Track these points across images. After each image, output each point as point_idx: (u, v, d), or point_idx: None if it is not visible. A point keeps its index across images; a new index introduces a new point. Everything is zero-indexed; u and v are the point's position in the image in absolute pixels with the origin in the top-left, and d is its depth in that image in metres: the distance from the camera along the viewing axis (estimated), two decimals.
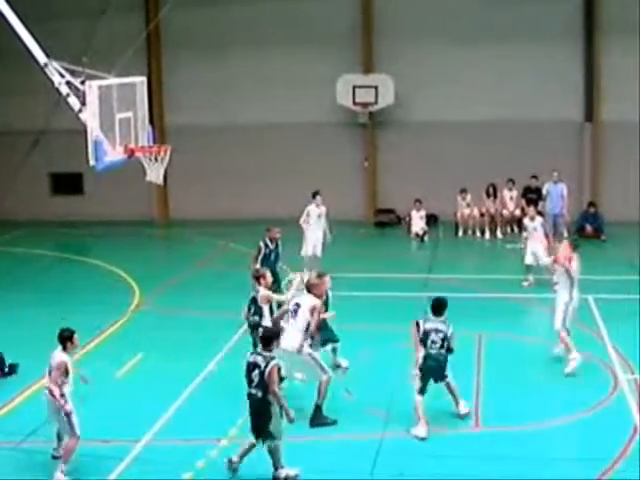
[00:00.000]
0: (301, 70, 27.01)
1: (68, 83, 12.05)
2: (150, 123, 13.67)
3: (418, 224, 25.41)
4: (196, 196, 28.09)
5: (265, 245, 17.09)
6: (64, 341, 10.63)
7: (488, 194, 25.53)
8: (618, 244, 23.55)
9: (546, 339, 14.93)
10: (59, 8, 26.89)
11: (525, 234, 19.43)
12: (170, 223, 28.69)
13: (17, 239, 25.94)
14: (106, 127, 12.25)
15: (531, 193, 24.45)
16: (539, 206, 22.79)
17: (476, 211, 25.37)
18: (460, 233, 25.42)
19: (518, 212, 24.72)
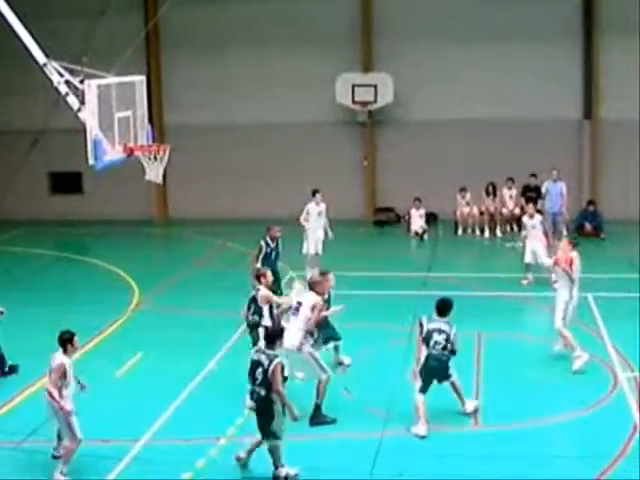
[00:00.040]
0: (300, 69, 26.98)
1: (67, 82, 12.02)
2: (149, 122, 13.63)
3: (417, 223, 25.39)
4: (195, 195, 28.06)
5: (266, 244, 17.06)
6: (64, 343, 10.58)
7: (487, 193, 25.51)
8: (617, 242, 23.54)
9: (545, 337, 14.93)
10: (58, 7, 26.87)
11: (524, 232, 19.45)
12: (169, 222, 28.66)
13: (16, 238, 25.91)
14: (105, 126, 12.22)
15: (530, 192, 24.42)
16: (538, 205, 22.77)
17: (475, 210, 25.35)
18: (459, 232, 25.41)
19: (517, 211, 24.69)
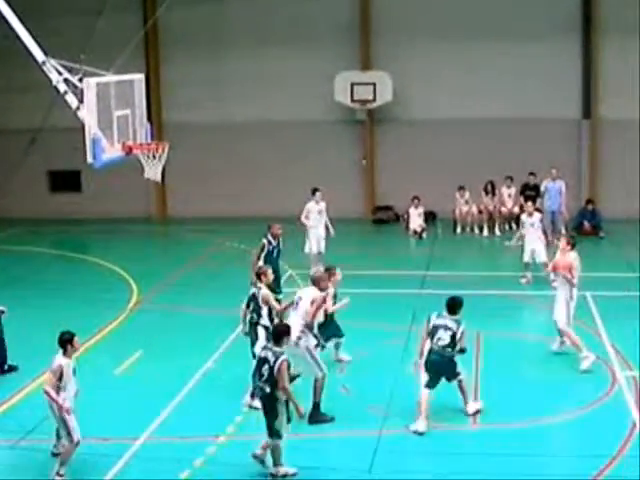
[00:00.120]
0: (299, 67, 26.98)
1: (66, 80, 12.00)
2: (148, 120, 13.63)
3: (416, 221, 25.37)
4: (194, 193, 28.05)
5: (268, 242, 17.03)
6: (64, 344, 10.49)
7: (486, 191, 25.51)
8: (616, 241, 23.55)
9: (544, 336, 14.94)
10: (57, 6, 26.89)
11: (522, 230, 19.45)
12: (168, 220, 28.66)
13: (15, 237, 25.91)
14: (104, 124, 12.20)
15: (529, 190, 24.39)
16: (537, 203, 22.75)
17: (474, 208, 25.35)
18: (458, 230, 25.42)
19: (516, 209, 24.66)
